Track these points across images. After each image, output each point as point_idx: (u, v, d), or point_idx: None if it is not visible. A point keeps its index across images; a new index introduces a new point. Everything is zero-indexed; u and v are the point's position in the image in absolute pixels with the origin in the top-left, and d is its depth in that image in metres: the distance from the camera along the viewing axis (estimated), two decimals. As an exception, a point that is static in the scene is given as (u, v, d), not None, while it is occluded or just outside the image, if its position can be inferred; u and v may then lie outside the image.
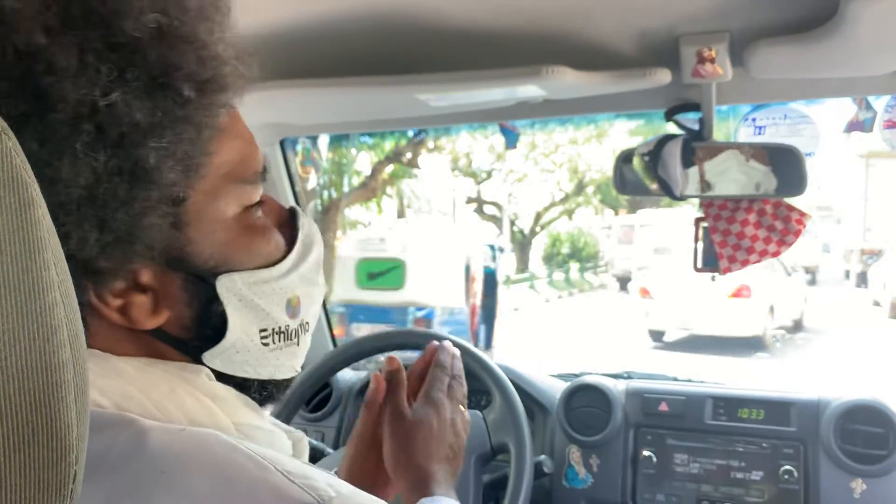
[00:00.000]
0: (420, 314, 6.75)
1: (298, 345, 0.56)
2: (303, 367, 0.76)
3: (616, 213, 19.22)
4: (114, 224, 0.42)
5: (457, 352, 0.85)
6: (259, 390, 0.54)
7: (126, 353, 0.49)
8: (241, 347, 0.51)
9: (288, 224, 0.55)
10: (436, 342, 0.86)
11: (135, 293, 0.47)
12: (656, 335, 8.92)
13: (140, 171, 0.42)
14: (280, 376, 0.55)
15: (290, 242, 0.54)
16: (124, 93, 0.40)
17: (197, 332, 0.50)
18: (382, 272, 6.77)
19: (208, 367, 0.51)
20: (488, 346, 7.52)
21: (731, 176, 1.15)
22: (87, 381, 0.32)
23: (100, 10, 0.40)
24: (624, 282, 15.67)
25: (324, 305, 1.72)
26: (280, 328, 0.53)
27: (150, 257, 0.46)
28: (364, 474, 0.77)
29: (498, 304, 7.89)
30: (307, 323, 0.56)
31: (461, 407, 0.81)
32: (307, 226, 0.56)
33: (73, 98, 0.39)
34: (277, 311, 0.53)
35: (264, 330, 0.52)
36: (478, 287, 7.27)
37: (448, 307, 6.83)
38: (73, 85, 0.39)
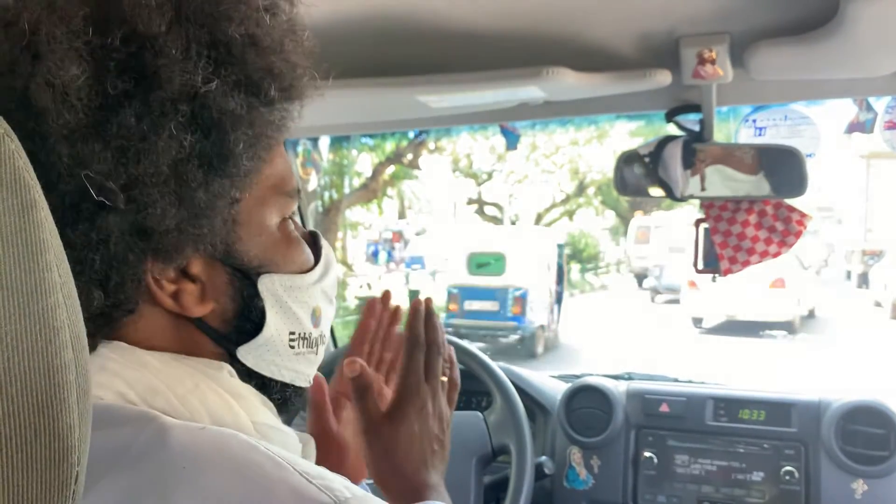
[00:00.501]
0: (517, 293, 8.69)
1: (316, 354, 0.59)
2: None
3: (632, 215, 19.58)
4: (191, 202, 0.46)
5: (432, 309, 0.74)
6: (280, 391, 0.56)
7: (160, 342, 0.51)
8: (272, 346, 0.54)
9: (310, 243, 0.59)
10: (374, 299, 0.78)
11: (186, 281, 0.50)
12: (697, 321, 10.38)
13: (223, 156, 0.46)
14: (298, 383, 0.58)
15: (315, 257, 0.59)
16: (220, 84, 0.45)
17: (236, 325, 0.53)
18: (488, 262, 8.92)
19: (240, 361, 0.53)
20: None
21: (727, 176, 1.16)
22: (90, 382, 0.32)
23: (208, 11, 0.46)
24: (641, 278, 16.34)
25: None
26: (305, 334, 0.56)
27: (206, 248, 0.49)
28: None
29: (564, 289, 10.06)
30: (324, 336, 0.59)
31: (443, 380, 0.73)
32: (326, 248, 0.60)
33: (177, 81, 0.44)
34: (305, 318, 0.56)
35: (293, 333, 0.55)
36: (552, 276, 9.61)
37: (536, 289, 8.95)
38: (179, 70, 0.44)
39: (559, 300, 9.64)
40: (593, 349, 9.06)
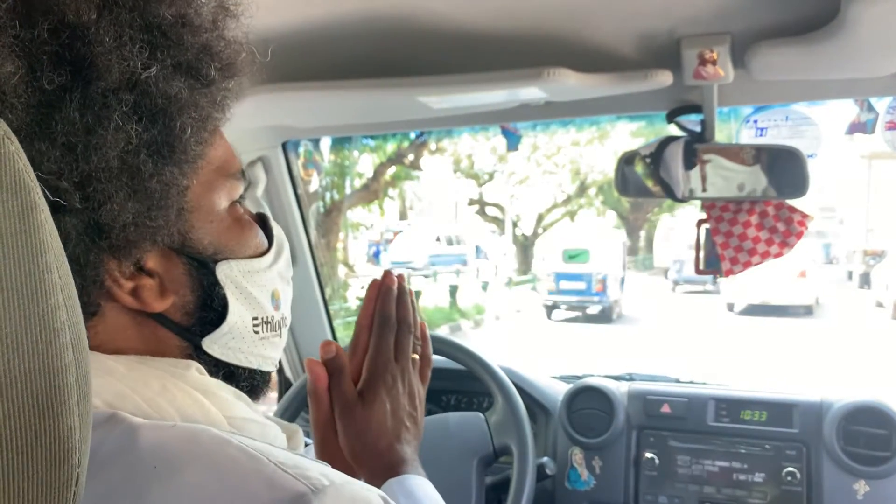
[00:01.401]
0: (600, 276, 12.08)
1: (280, 337, 0.59)
2: (305, 368, 0.76)
3: (633, 215, 20.67)
4: (144, 194, 0.45)
5: (405, 285, 0.75)
6: (248, 379, 0.56)
7: (124, 344, 0.50)
8: (236, 333, 0.54)
9: (260, 225, 0.59)
10: (375, 280, 0.76)
11: (143, 277, 0.49)
12: (730, 306, 12.75)
13: (171, 142, 0.46)
14: (265, 368, 0.58)
15: (268, 240, 0.58)
16: (159, 69, 0.44)
17: (198, 316, 0.52)
18: (578, 255, 12.73)
19: (206, 353, 0.53)
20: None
21: (728, 177, 1.15)
22: (90, 383, 0.32)
23: None
24: (665, 272, 18.14)
25: (325, 306, 1.72)
26: (268, 318, 0.56)
27: (160, 239, 0.48)
28: (330, 461, 0.75)
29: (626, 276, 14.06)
30: (286, 318, 0.60)
31: (414, 357, 0.74)
32: (277, 229, 0.60)
33: (116, 70, 0.42)
34: (265, 301, 0.56)
35: (255, 318, 0.55)
36: (619, 265, 13.38)
37: (611, 275, 12.38)
38: (117, 58, 0.42)
39: (622, 282, 13.34)
40: (648, 319, 12.39)
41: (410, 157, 10.25)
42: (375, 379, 0.71)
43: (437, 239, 18.51)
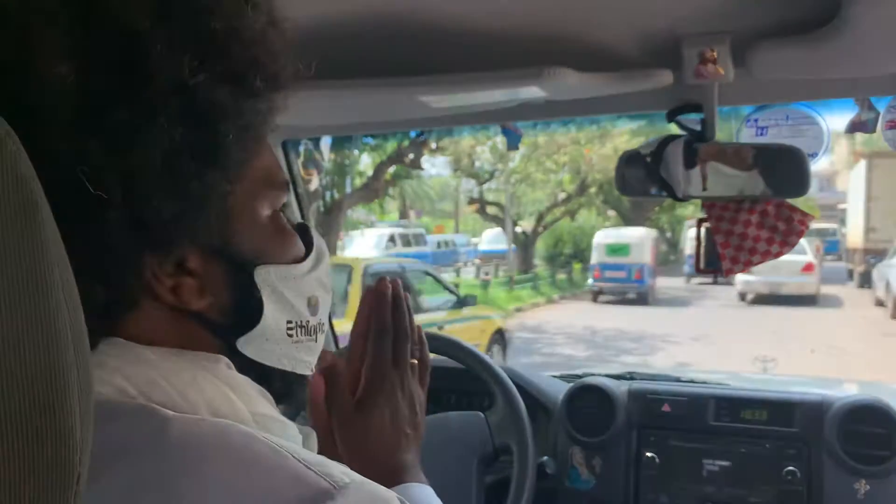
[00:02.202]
0: (637, 267, 14.97)
1: (316, 342, 0.60)
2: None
3: (633, 215, 21.32)
4: (185, 194, 0.47)
5: (399, 291, 0.75)
6: (282, 380, 0.57)
7: (160, 337, 0.51)
8: (270, 336, 0.55)
9: (301, 233, 0.60)
10: (370, 287, 0.75)
11: (184, 276, 0.51)
12: (742, 296, 14.78)
13: (213, 147, 0.47)
14: (300, 370, 0.59)
15: (307, 248, 0.60)
16: (206, 77, 0.46)
17: (234, 317, 0.54)
18: (618, 248, 15.25)
19: (240, 353, 0.54)
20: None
21: (729, 176, 1.16)
22: (91, 382, 0.32)
23: (191, 6, 0.46)
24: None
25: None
26: (303, 322, 0.57)
27: (201, 242, 0.50)
28: None
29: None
30: (323, 324, 0.60)
31: (413, 362, 0.74)
32: (317, 237, 0.61)
33: (165, 76, 0.44)
34: (301, 307, 0.57)
35: (290, 322, 0.56)
36: (651, 257, 15.87)
37: (647, 265, 15.18)
38: (167, 66, 0.44)
39: (653, 272, 15.91)
40: (677, 303, 15.11)
41: (411, 156, 10.25)
42: (373, 387, 0.71)
43: (392, 239, 18.58)
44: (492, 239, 21.11)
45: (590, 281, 16.01)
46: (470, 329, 7.23)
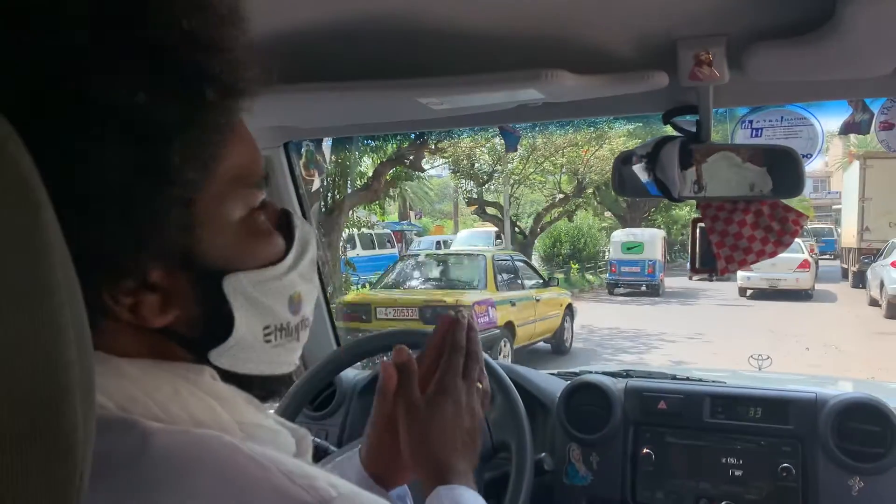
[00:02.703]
0: (651, 263, 16.56)
1: (298, 340, 0.58)
2: (307, 367, 0.78)
3: (631, 215, 21.63)
4: (135, 220, 0.43)
5: (474, 322, 0.80)
6: (262, 386, 0.55)
7: (131, 352, 0.49)
8: (245, 345, 0.52)
9: (283, 224, 0.57)
10: (451, 313, 0.80)
11: (145, 292, 0.47)
12: (742, 291, 15.86)
13: (163, 169, 0.43)
14: (280, 371, 0.57)
15: (288, 242, 0.56)
16: (152, 94, 0.42)
17: (204, 330, 0.51)
18: (634, 246, 16.69)
19: (214, 365, 0.52)
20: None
21: (723, 177, 1.17)
22: (94, 381, 0.32)
23: (132, 14, 0.42)
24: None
25: (328, 306, 1.74)
26: (282, 325, 0.55)
27: (162, 256, 0.47)
28: (381, 461, 0.77)
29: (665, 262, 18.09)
30: (307, 319, 0.58)
31: (478, 385, 0.78)
32: (301, 226, 0.58)
33: (105, 96, 0.41)
34: (281, 309, 0.54)
35: (267, 327, 0.54)
36: (661, 253, 17.34)
37: (658, 261, 16.52)
38: (107, 83, 0.41)
39: (663, 267, 17.38)
40: (684, 295, 16.55)
41: (411, 157, 10.25)
42: (443, 389, 0.75)
43: (350, 241, 18.29)
44: (464, 240, 20.43)
45: (606, 275, 17.86)
46: (550, 302, 9.61)
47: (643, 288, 16.83)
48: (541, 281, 10.01)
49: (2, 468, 0.26)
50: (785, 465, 1.41)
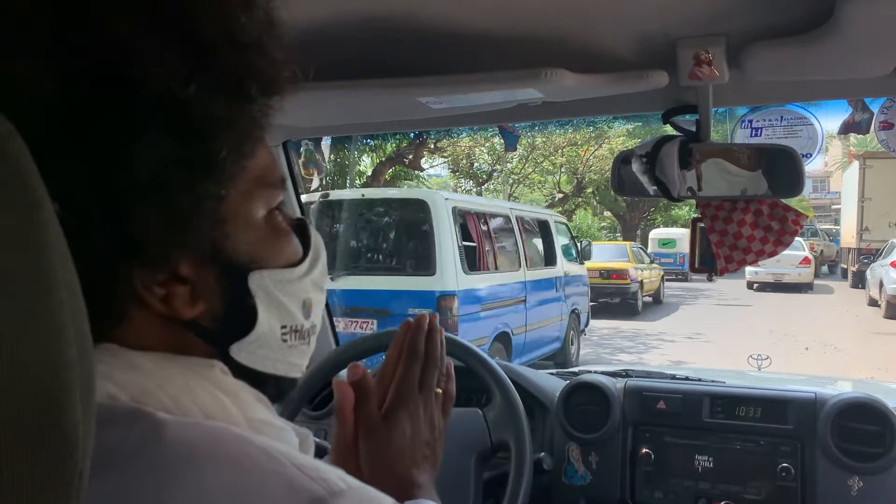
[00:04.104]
0: (681, 255, 19.39)
1: (309, 344, 0.59)
2: (306, 366, 0.78)
3: (629, 215, 22.79)
4: (176, 209, 0.45)
5: (435, 325, 0.78)
6: (275, 385, 0.56)
7: (155, 343, 0.50)
8: (264, 342, 0.54)
9: (299, 231, 0.58)
10: (409, 320, 0.78)
11: (176, 284, 0.49)
12: (750, 284, 17.73)
13: (206, 162, 0.45)
14: (291, 374, 0.58)
15: (304, 247, 0.58)
16: (200, 87, 0.43)
17: (227, 324, 0.52)
18: (668, 241, 20.26)
19: (234, 359, 0.53)
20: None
21: (716, 181, 1.17)
22: (94, 379, 0.32)
23: (182, 11, 0.43)
24: None
25: (327, 308, 1.74)
26: (296, 326, 0.56)
27: (194, 249, 0.48)
28: None
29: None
30: (315, 326, 0.59)
31: (438, 391, 0.77)
32: (315, 235, 0.59)
33: (153, 87, 0.42)
34: (296, 311, 0.56)
35: (284, 327, 0.55)
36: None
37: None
38: (157, 76, 0.42)
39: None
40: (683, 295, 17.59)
41: (410, 156, 10.25)
42: (399, 404, 0.73)
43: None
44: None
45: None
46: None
47: (675, 275, 20.17)
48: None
49: (1, 468, 0.26)
50: (784, 464, 1.41)
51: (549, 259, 7.96)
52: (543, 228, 8.06)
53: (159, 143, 0.42)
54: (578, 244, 9.48)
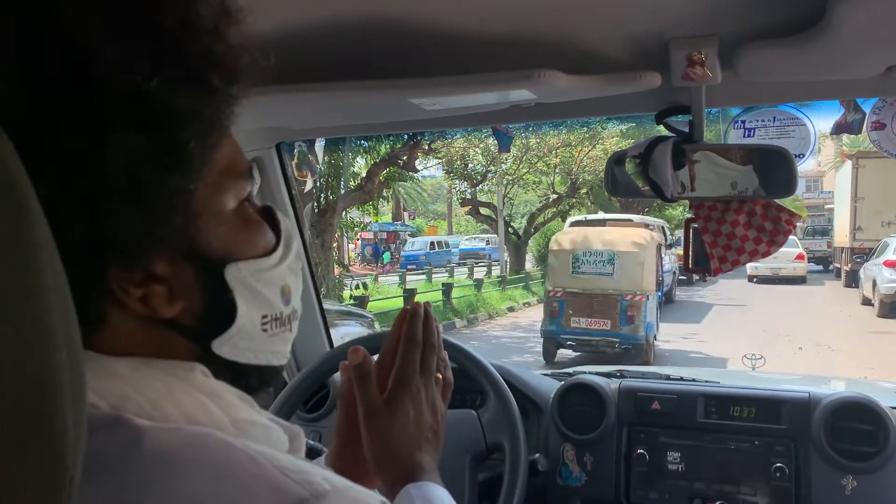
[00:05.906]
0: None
1: (291, 331, 0.59)
2: (300, 368, 0.78)
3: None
4: (146, 209, 0.44)
5: (431, 313, 0.80)
6: (258, 375, 0.56)
7: (137, 345, 0.50)
8: (245, 334, 0.54)
9: (267, 220, 0.58)
10: (406, 308, 0.80)
11: (152, 283, 0.48)
12: (750, 278, 19.44)
13: (173, 156, 0.45)
14: (275, 362, 0.58)
15: (276, 235, 0.58)
16: (163, 80, 0.43)
17: (207, 320, 0.52)
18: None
19: (216, 354, 0.53)
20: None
21: (709, 179, 1.17)
22: (84, 384, 0.32)
23: (137, 4, 0.43)
24: None
25: (320, 307, 1.73)
26: (276, 314, 0.56)
27: (168, 246, 0.48)
28: (346, 469, 0.75)
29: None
30: (296, 311, 0.60)
31: (438, 376, 0.78)
32: (284, 220, 0.59)
33: (116, 84, 0.41)
34: (275, 299, 0.56)
35: (265, 316, 0.55)
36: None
37: None
38: (119, 72, 0.41)
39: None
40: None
41: (404, 158, 10.25)
42: (401, 387, 0.74)
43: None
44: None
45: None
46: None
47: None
48: None
49: None
50: (778, 464, 1.41)
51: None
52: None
53: (127, 139, 0.42)
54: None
